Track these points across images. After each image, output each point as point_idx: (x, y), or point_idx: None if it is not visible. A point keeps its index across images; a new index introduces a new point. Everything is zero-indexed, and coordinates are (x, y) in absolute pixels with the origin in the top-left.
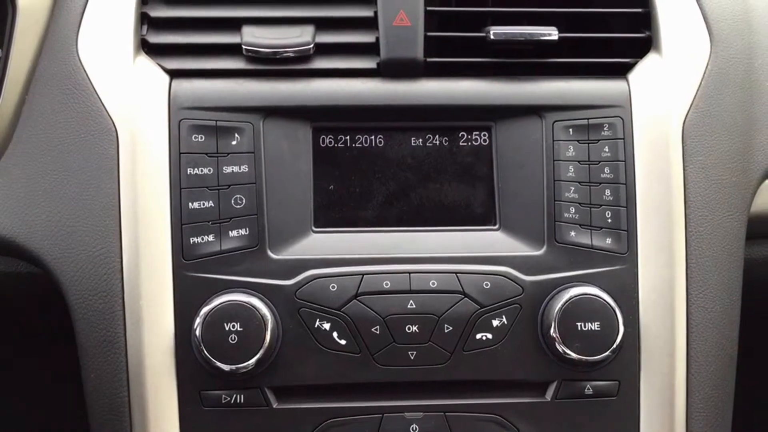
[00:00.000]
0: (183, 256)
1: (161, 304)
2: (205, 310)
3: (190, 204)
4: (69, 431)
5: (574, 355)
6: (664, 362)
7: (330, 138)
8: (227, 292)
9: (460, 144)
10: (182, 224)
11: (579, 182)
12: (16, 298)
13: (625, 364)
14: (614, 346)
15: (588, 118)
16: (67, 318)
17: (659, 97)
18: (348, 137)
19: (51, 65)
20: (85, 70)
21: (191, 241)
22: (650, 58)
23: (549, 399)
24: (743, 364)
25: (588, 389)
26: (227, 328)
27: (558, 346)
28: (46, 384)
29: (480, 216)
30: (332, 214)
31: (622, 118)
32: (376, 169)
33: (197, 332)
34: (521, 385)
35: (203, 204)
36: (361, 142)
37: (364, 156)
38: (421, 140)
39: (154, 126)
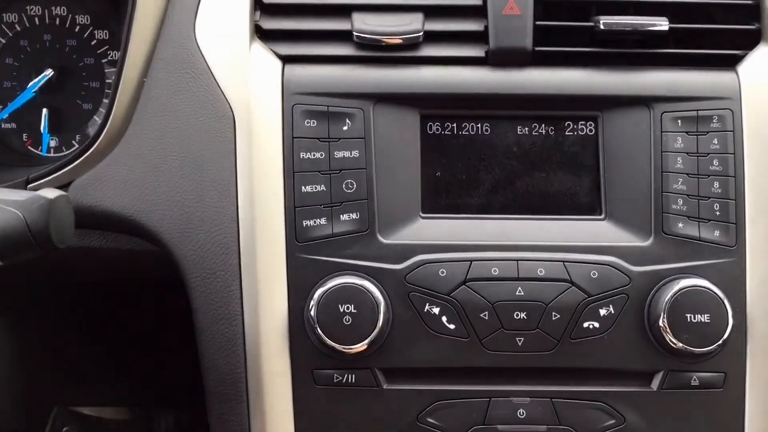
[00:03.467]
0: (296, 239)
1: (275, 284)
2: (320, 291)
3: (302, 187)
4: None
5: (682, 346)
6: None
7: (437, 125)
8: (340, 275)
9: (566, 133)
10: (295, 207)
11: (687, 174)
12: (135, 276)
13: (731, 356)
14: (723, 338)
15: (697, 110)
16: (182, 296)
17: None
18: (455, 125)
19: (169, 49)
20: (203, 55)
21: (304, 224)
22: (760, 50)
23: (655, 389)
24: None
25: (694, 380)
26: (342, 310)
27: (666, 337)
28: (148, 345)
29: (586, 205)
30: (439, 200)
31: (731, 111)
32: (482, 157)
33: (312, 312)
34: (627, 374)
35: (315, 188)
36: (468, 130)
37: (471, 144)
38: (527, 129)
39: (269, 111)
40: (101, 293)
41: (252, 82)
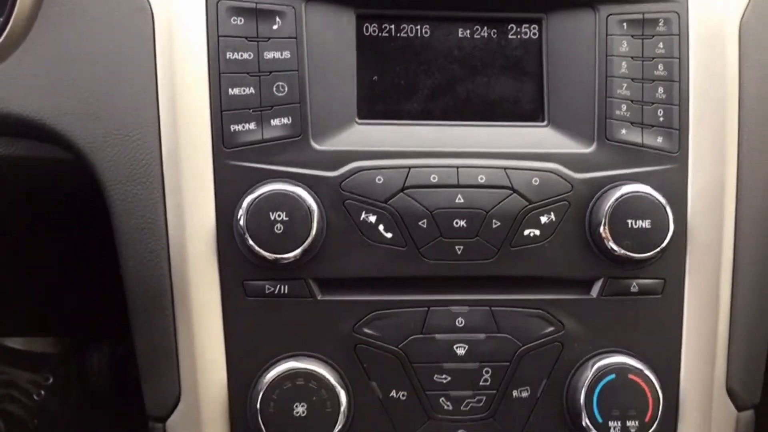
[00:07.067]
0: (223, 144)
1: (201, 191)
2: (249, 198)
3: (229, 90)
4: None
5: (622, 252)
6: (711, 262)
7: (374, 26)
8: (271, 182)
9: (509, 37)
10: (222, 111)
11: (631, 79)
12: (45, 185)
13: (671, 263)
14: (664, 244)
15: (643, 13)
16: (99, 207)
17: None
18: (393, 26)
19: None
20: None
21: (231, 129)
22: None
23: (594, 296)
24: None
25: (633, 287)
26: (273, 218)
27: (607, 243)
28: (80, 274)
29: (528, 112)
30: (376, 105)
31: (678, 14)
32: (422, 61)
33: (241, 221)
34: (567, 282)
35: (244, 90)
36: (407, 32)
37: (410, 46)
38: (468, 32)
39: (191, 6)
40: (27, 212)
41: None
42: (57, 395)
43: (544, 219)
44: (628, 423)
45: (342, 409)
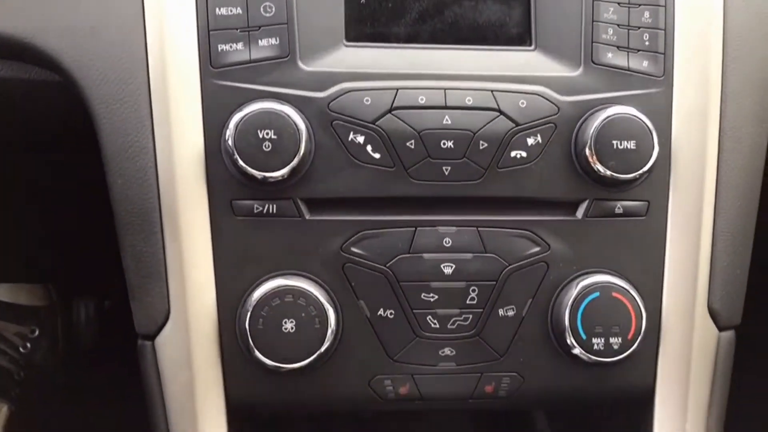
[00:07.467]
0: (211, 64)
1: (189, 111)
2: (237, 117)
3: (217, 9)
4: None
5: (607, 173)
6: (694, 185)
7: None
8: (259, 101)
9: None
10: (209, 30)
11: (618, 3)
12: (32, 110)
13: (655, 185)
14: (649, 164)
15: None
16: (88, 129)
17: None
18: None
19: None
20: None
21: (219, 49)
22: None
23: (580, 217)
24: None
25: (618, 208)
26: (261, 136)
27: (592, 164)
28: (68, 196)
29: (515, 36)
30: (364, 28)
31: None
32: None
33: (229, 140)
34: (553, 203)
35: (231, 10)
36: None
37: None
38: None
39: None
40: (13, 140)
41: None
42: (43, 348)
43: (530, 141)
44: (611, 340)
45: (330, 326)
